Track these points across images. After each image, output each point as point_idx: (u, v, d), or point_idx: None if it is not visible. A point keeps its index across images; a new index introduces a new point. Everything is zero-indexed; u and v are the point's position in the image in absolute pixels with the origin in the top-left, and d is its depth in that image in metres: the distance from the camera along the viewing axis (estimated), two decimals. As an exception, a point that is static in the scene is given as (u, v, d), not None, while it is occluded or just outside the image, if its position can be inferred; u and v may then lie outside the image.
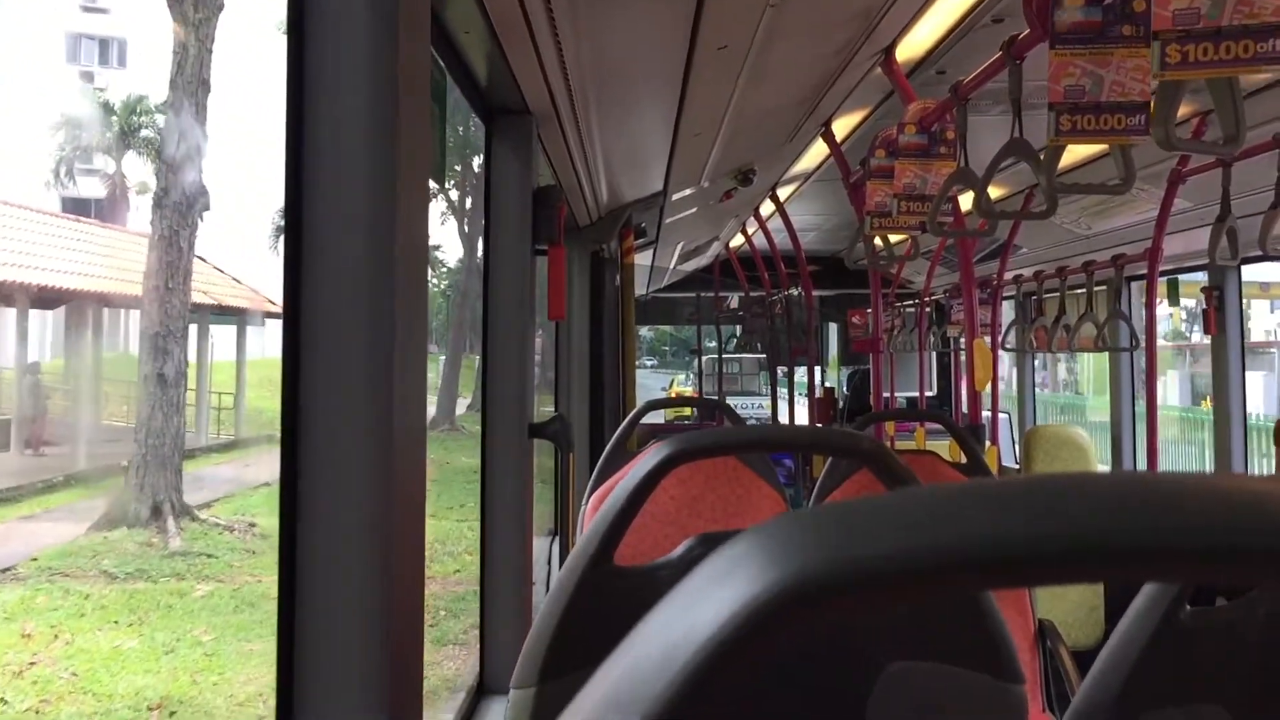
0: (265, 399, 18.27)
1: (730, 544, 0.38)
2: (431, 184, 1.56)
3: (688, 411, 10.54)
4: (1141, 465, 5.12)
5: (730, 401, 4.09)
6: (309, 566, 1.24)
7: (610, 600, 1.31)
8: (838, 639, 1.25)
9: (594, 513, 2.95)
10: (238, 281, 20.07)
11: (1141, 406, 4.87)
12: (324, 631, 1.24)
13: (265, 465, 15.14)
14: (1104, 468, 5.69)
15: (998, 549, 0.35)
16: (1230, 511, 0.35)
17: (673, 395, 15.17)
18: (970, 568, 0.34)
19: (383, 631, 1.23)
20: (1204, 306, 4.65)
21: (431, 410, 21.84)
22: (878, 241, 4.04)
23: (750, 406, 14.01)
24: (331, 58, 1.25)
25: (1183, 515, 0.35)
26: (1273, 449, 4.20)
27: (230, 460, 16.60)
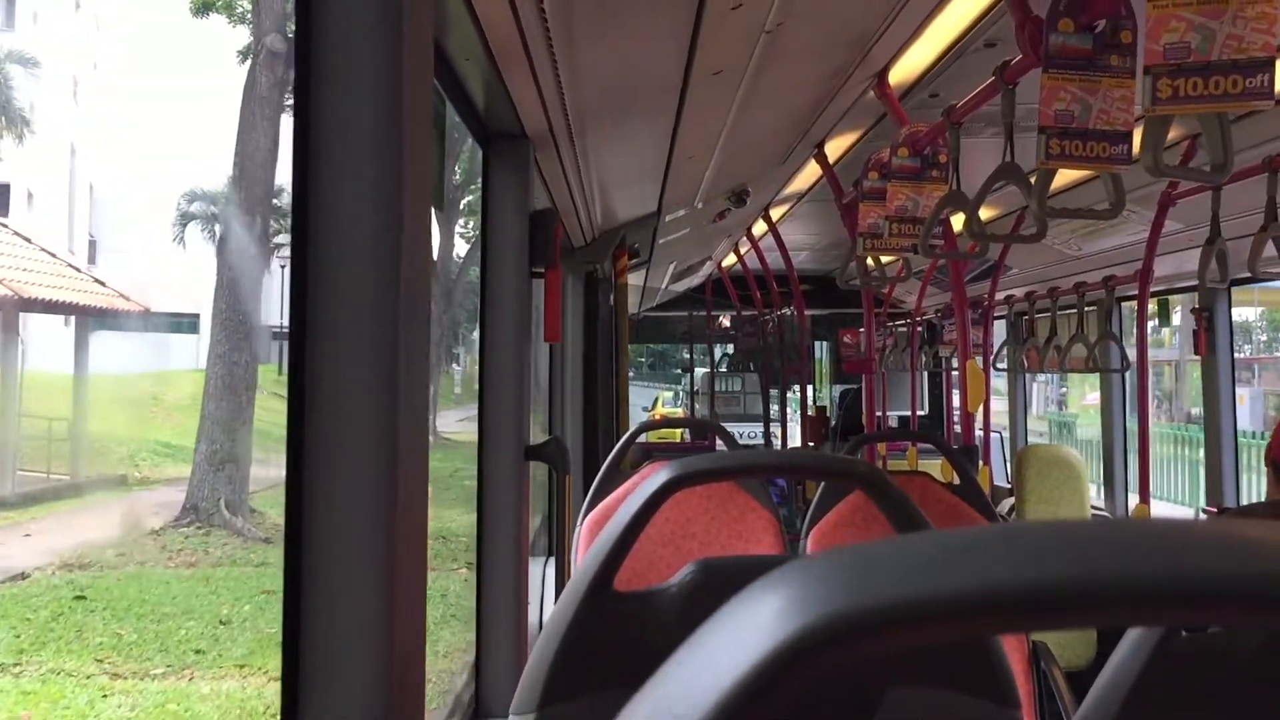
0: (125, 424, 15.01)
1: (752, 588, 0.39)
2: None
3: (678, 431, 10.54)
4: (1134, 480, 5.14)
5: (729, 427, 4.10)
6: (313, 576, 1.26)
7: (609, 625, 1.32)
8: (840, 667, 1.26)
9: (589, 534, 2.96)
10: (79, 273, 15.44)
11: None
12: (327, 638, 1.25)
13: (112, 520, 11.43)
14: (1094, 486, 5.71)
15: (1027, 593, 0.36)
16: (1240, 560, 0.36)
17: (657, 417, 14.33)
18: (1003, 611, 0.35)
19: (385, 639, 1.25)
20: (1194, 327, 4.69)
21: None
22: (870, 262, 4.06)
23: (749, 436, 11.37)
24: (338, 88, 1.27)
25: (1214, 564, 0.36)
26: (1264, 468, 4.22)
27: (51, 516, 11.60)
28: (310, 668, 1.25)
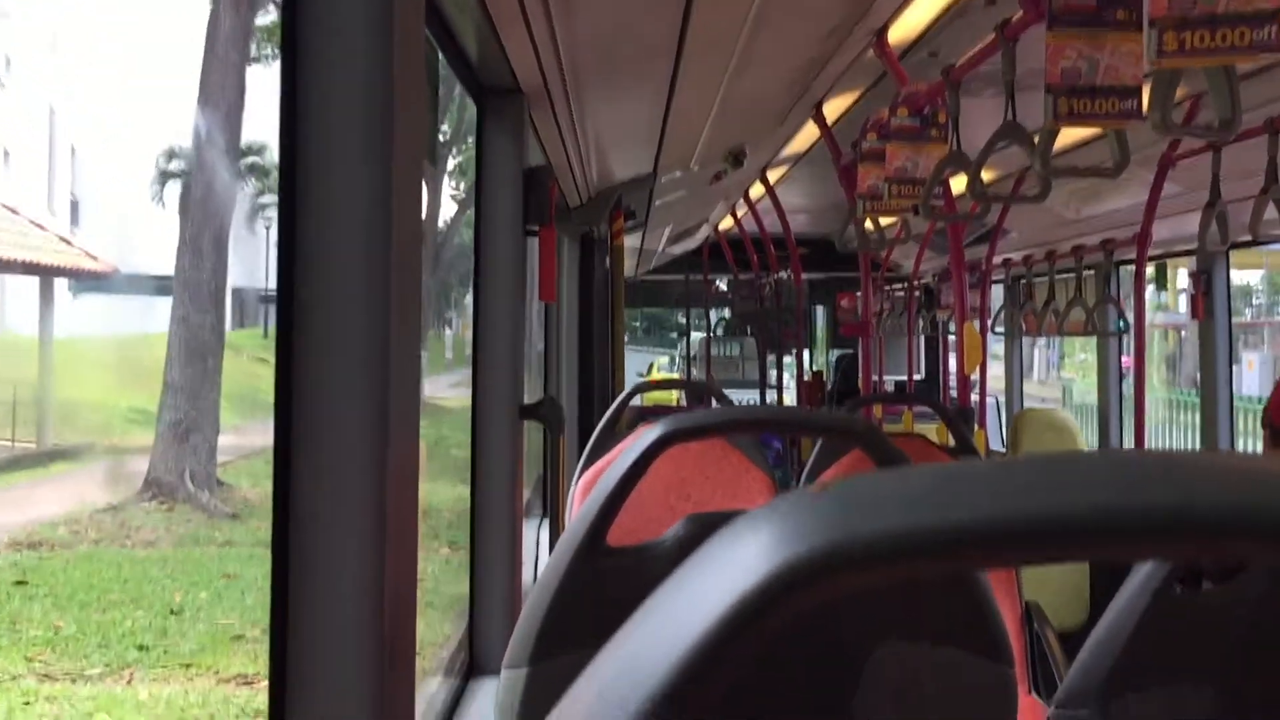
0: (98, 390, 14.16)
1: (734, 525, 0.38)
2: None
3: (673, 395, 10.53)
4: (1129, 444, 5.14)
5: (729, 394, 4.09)
6: (302, 555, 1.24)
7: (601, 581, 1.32)
8: (827, 622, 1.25)
9: (583, 495, 2.95)
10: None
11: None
12: (317, 620, 1.24)
13: (73, 493, 10.50)
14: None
15: (1002, 525, 0.35)
16: (1232, 488, 0.35)
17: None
18: (977, 544, 0.34)
19: (375, 619, 1.24)
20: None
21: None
22: (868, 224, 4.04)
23: (748, 403, 11.86)
24: (325, 38, 1.24)
25: (1182, 490, 0.35)
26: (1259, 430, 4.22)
27: (9, 488, 11.00)
28: (299, 649, 1.24)
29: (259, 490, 11.32)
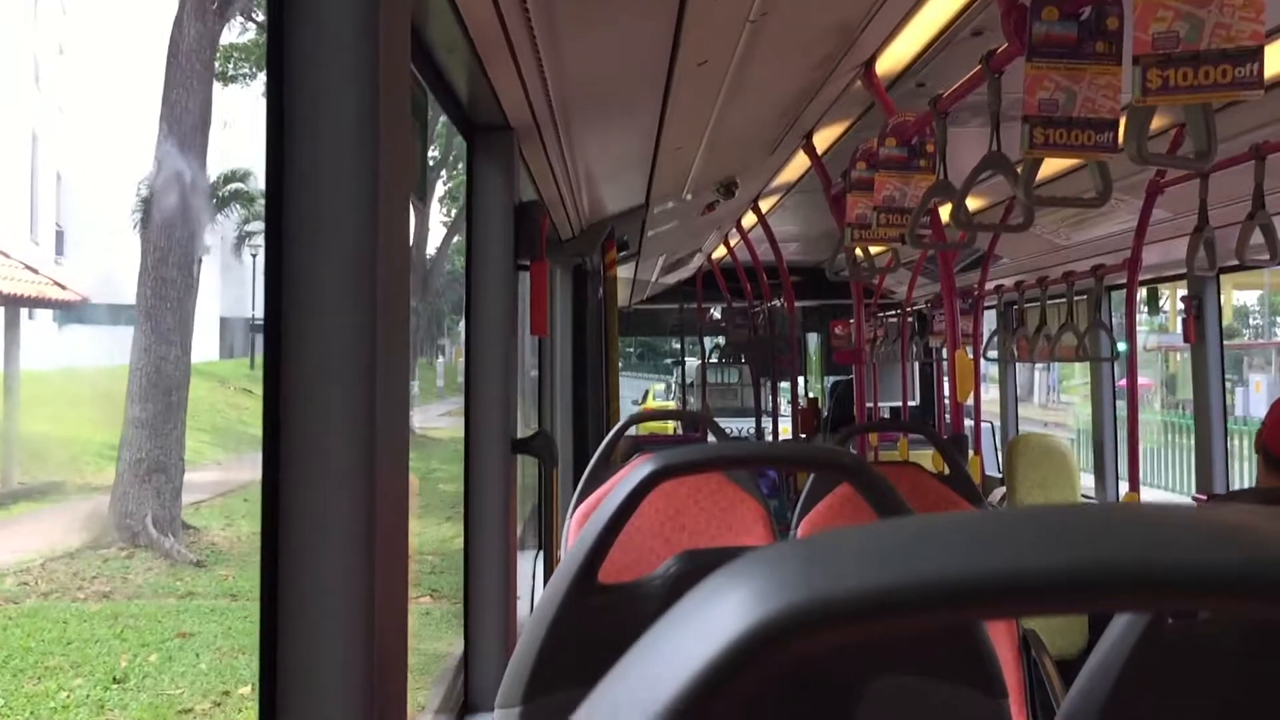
0: (70, 425, 13.21)
1: (712, 580, 0.38)
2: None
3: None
4: (1124, 470, 5.14)
5: (726, 424, 4.08)
6: (291, 577, 1.24)
7: (594, 618, 1.32)
8: (820, 658, 1.25)
9: (578, 528, 2.95)
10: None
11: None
12: (306, 641, 1.24)
13: (29, 538, 9.58)
14: (1087, 476, 5.71)
15: (977, 581, 0.35)
16: (1202, 542, 0.36)
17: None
18: (945, 602, 0.35)
19: (366, 641, 1.24)
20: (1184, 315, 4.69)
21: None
22: (859, 253, 4.06)
23: (746, 432, 10.42)
24: (311, 74, 1.25)
25: (1150, 547, 0.35)
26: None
27: None
28: (289, 674, 1.24)
29: (230, 533, 10.74)
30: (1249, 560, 0.35)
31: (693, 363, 11.47)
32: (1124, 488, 4.74)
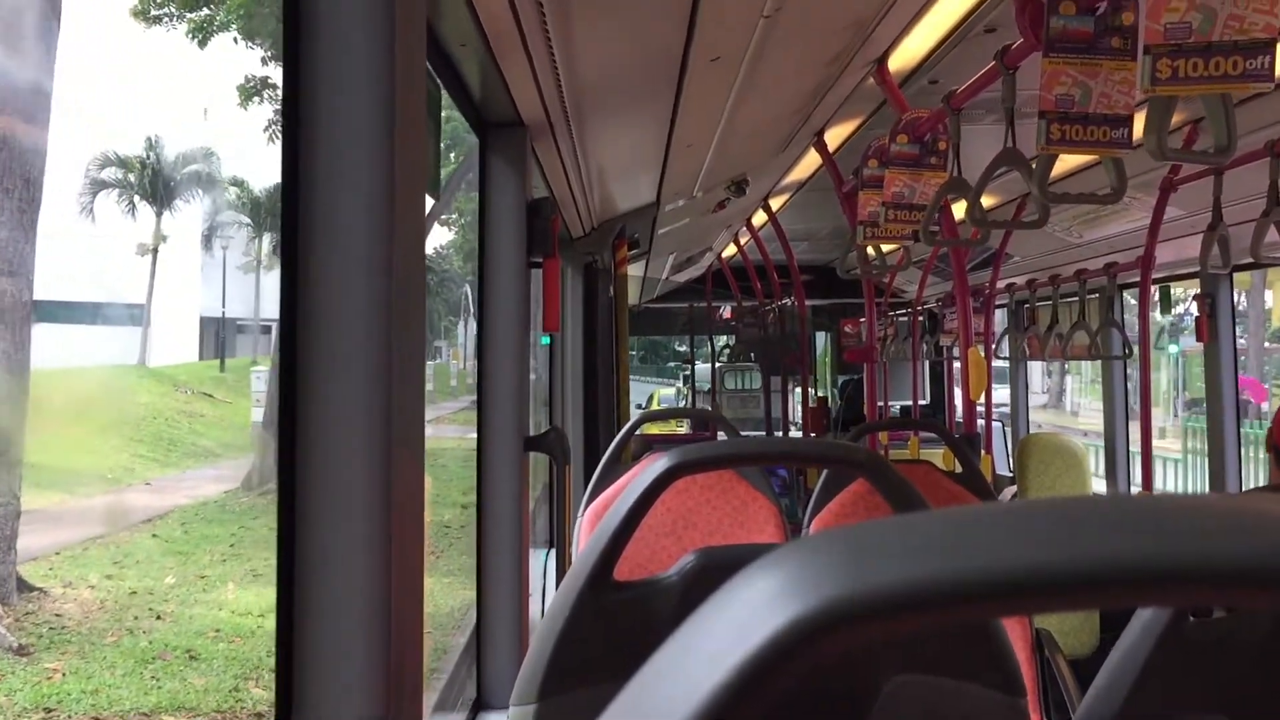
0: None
1: (745, 574, 0.38)
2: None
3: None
4: (1136, 473, 5.13)
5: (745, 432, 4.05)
6: (307, 570, 1.24)
7: (608, 616, 1.31)
8: (839, 656, 1.25)
9: (590, 525, 2.94)
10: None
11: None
12: (323, 635, 1.24)
13: None
14: (1099, 481, 5.69)
15: (1023, 576, 0.35)
16: (1245, 534, 0.35)
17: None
18: (1007, 594, 0.34)
19: (383, 634, 1.24)
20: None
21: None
22: (870, 251, 4.04)
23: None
24: (328, 72, 1.25)
25: (1189, 540, 0.34)
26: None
27: None
28: (305, 668, 1.24)
29: (99, 594, 9.20)
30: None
31: (703, 367, 11.34)
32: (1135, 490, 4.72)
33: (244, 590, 10.05)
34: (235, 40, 17.40)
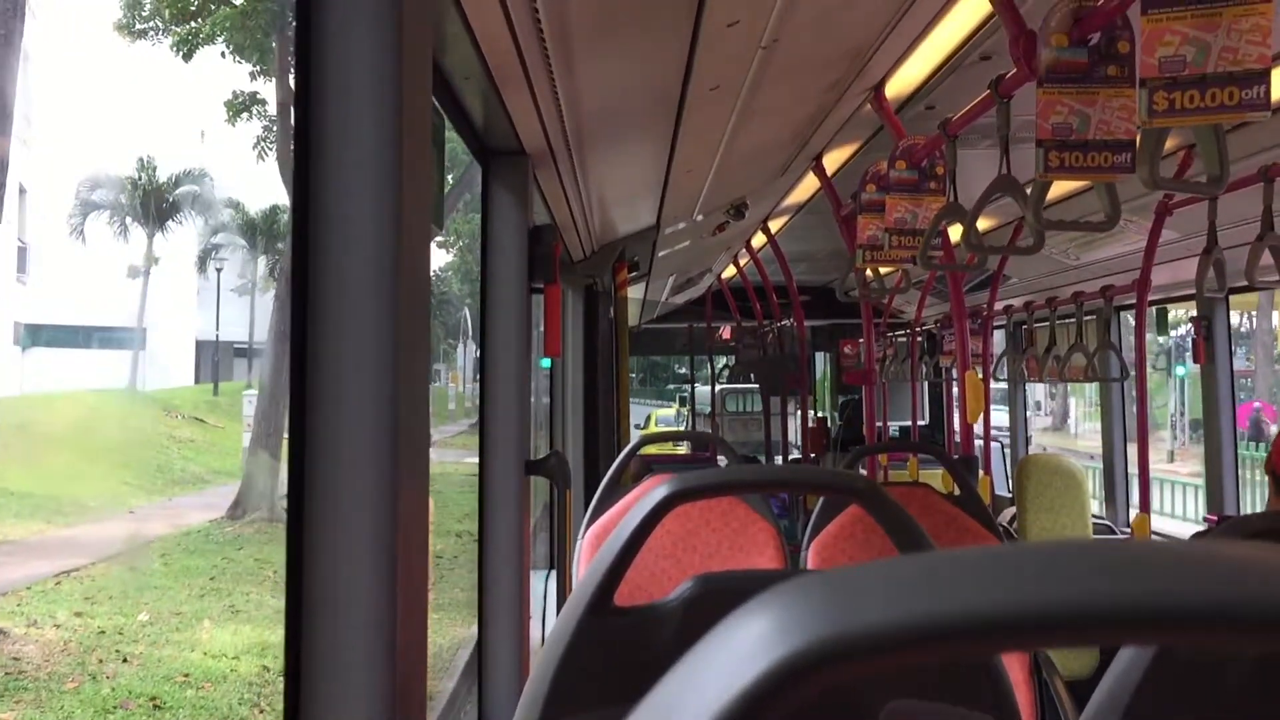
0: None
1: (739, 614, 0.40)
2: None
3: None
4: (1134, 496, 5.14)
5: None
6: (315, 589, 1.27)
7: (609, 641, 1.33)
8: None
9: (590, 547, 2.96)
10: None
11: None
12: (330, 650, 1.26)
13: None
14: (1094, 504, 5.70)
15: (1012, 618, 0.37)
16: (1226, 581, 0.37)
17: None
18: (989, 635, 0.36)
19: (388, 651, 1.26)
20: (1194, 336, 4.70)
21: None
22: (869, 273, 4.08)
23: None
24: (337, 107, 1.28)
25: (1168, 583, 0.37)
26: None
27: None
28: (313, 677, 1.26)
29: (65, 633, 8.84)
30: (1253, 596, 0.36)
31: (703, 389, 11.31)
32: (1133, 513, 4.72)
33: (220, 629, 9.53)
34: (223, 55, 17.34)
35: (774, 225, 5.84)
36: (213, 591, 10.63)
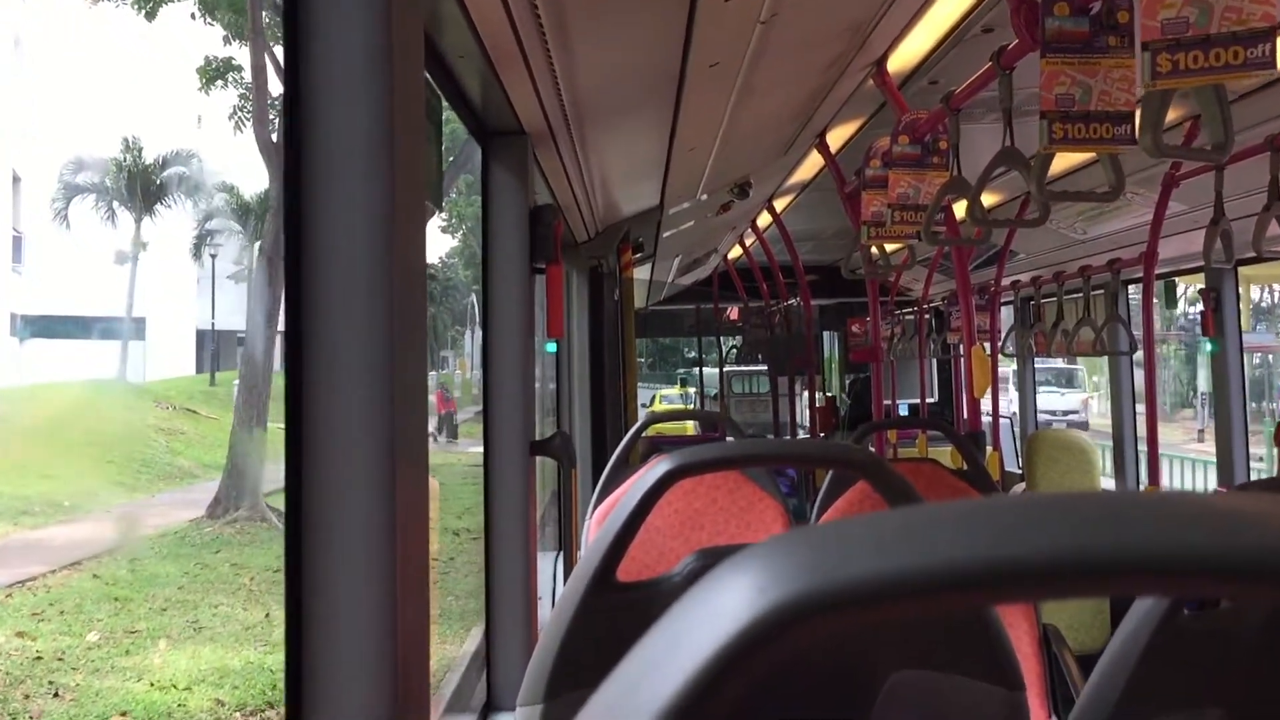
0: None
1: (719, 569, 0.40)
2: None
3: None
4: (1144, 469, 5.12)
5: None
6: (315, 580, 1.26)
7: (613, 616, 1.33)
8: (839, 651, 1.27)
9: (597, 528, 2.96)
10: None
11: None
12: (331, 641, 1.26)
13: None
14: (1107, 480, 5.69)
15: (979, 568, 0.37)
16: (1197, 527, 0.37)
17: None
18: (948, 586, 0.36)
19: (389, 640, 1.25)
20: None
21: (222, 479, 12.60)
22: (874, 250, 4.06)
23: None
24: (326, 85, 1.27)
25: (1149, 532, 0.36)
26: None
27: None
28: (314, 673, 1.26)
29: (39, 642, 8.19)
30: (1264, 547, 0.36)
31: (711, 372, 11.31)
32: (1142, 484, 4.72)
33: (177, 650, 8.71)
34: (192, 16, 16.88)
35: (779, 204, 5.82)
36: (178, 604, 9.89)
